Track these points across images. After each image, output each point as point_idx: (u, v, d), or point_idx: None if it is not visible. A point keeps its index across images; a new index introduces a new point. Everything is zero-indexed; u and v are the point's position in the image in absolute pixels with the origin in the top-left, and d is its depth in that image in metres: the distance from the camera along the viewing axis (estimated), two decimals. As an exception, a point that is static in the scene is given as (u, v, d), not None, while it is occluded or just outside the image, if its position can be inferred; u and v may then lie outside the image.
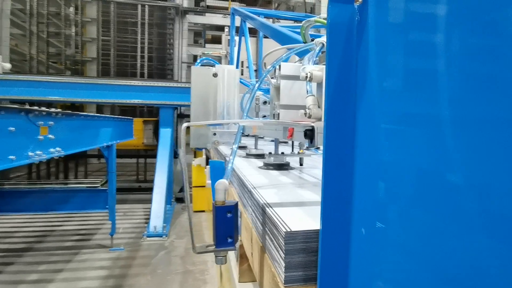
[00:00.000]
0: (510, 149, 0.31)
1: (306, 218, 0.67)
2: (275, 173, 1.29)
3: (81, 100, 6.02)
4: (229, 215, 0.76)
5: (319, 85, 0.83)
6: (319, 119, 0.81)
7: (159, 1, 7.30)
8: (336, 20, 0.48)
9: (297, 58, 1.99)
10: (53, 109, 2.56)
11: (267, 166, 1.41)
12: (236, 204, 0.77)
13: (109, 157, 4.27)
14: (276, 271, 0.63)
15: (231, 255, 1.43)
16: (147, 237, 4.81)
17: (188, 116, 7.52)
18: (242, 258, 1.11)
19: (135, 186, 7.37)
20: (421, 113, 0.43)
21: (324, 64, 0.85)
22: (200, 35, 10.30)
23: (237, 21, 4.35)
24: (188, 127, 0.98)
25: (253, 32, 5.01)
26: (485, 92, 0.34)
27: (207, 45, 8.22)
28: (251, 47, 4.01)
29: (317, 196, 0.88)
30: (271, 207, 0.75)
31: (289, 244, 0.58)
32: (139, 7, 7.36)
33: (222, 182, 0.77)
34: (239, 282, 1.16)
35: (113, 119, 4.47)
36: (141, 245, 4.60)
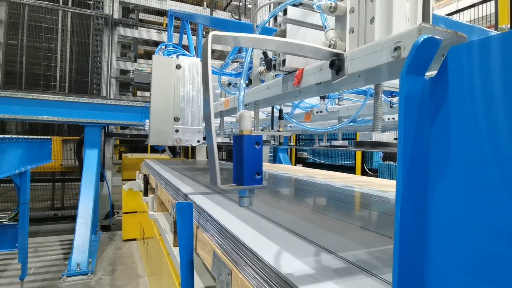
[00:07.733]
0: None
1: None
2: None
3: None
4: (257, 146, 0.66)
5: (338, 19, 0.78)
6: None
7: (86, 10, 6.67)
8: (411, 93, 0.43)
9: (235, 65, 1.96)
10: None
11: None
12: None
13: (22, 186, 3.61)
14: None
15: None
16: (68, 276, 4.15)
17: (116, 135, 6.91)
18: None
19: (49, 215, 6.39)
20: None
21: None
22: (128, 48, 9.70)
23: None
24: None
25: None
26: None
27: (139, 60, 7.75)
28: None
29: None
30: None
31: None
32: (60, 13, 6.62)
33: (247, 111, 0.70)
34: None
35: (27, 140, 3.81)
36: (60, 288, 3.94)
